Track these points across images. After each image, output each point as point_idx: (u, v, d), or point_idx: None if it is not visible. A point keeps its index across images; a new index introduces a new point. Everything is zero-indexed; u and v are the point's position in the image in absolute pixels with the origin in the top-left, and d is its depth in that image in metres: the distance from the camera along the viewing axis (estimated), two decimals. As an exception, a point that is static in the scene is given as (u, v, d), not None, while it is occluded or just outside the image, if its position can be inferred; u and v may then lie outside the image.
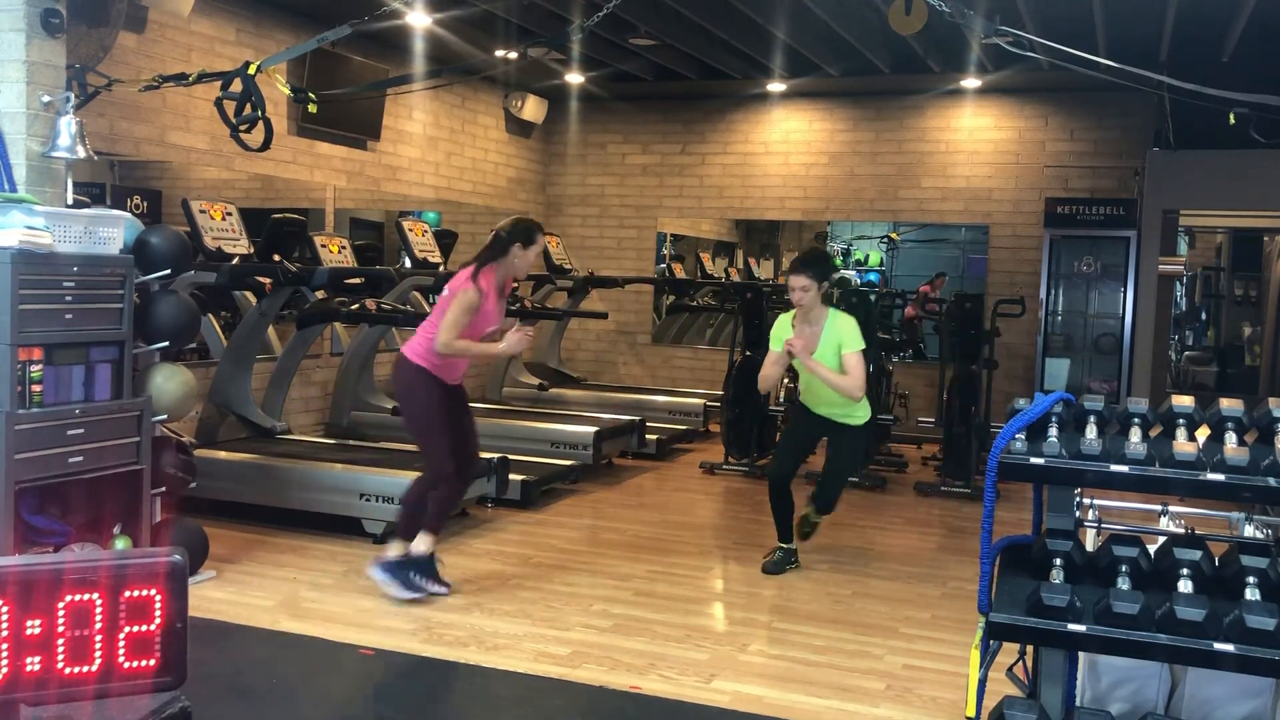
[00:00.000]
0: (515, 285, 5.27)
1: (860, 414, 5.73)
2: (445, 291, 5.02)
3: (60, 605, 2.29)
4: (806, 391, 5.82)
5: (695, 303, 11.87)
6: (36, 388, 4.28)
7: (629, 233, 11.51)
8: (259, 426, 7.01)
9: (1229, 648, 2.50)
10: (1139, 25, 7.84)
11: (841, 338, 5.54)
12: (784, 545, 5.82)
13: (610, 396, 9.65)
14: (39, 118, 4.82)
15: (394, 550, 5.04)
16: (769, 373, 5.76)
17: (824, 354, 5.55)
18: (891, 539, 6.59)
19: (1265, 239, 12.48)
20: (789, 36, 8.37)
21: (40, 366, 4.29)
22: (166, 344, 4.95)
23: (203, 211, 6.22)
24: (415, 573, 5.00)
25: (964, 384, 7.94)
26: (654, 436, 8.75)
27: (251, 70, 5.28)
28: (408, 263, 8.02)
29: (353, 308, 6.84)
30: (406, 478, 5.88)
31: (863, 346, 5.57)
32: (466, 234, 10.23)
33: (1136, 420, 2.79)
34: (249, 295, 7.07)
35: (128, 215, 4.83)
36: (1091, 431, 2.78)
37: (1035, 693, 2.84)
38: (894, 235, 11.61)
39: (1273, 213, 10.68)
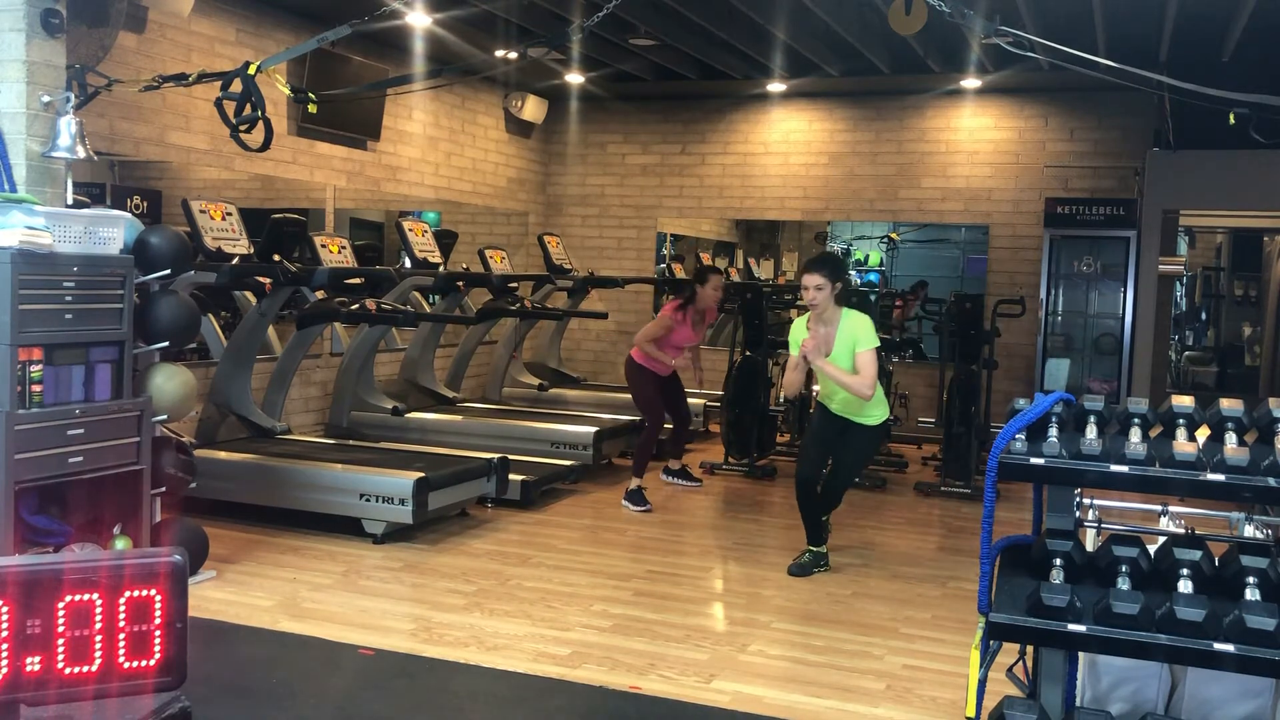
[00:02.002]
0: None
1: (874, 413, 5.70)
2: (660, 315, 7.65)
3: (60, 605, 2.29)
4: (824, 392, 5.82)
5: (695, 303, 11.84)
6: (36, 388, 4.28)
7: (629, 233, 11.51)
8: (259, 426, 7.01)
9: (1229, 648, 2.50)
10: (1139, 25, 7.84)
11: (856, 336, 5.50)
12: (813, 548, 5.80)
13: (610, 396, 9.63)
14: (39, 118, 4.82)
15: (633, 484, 7.23)
16: (789, 379, 5.74)
17: (840, 354, 5.52)
18: (891, 539, 6.59)
19: (1265, 239, 12.47)
20: (789, 36, 8.37)
21: (40, 366, 4.29)
22: (166, 344, 4.94)
23: (203, 211, 6.21)
24: (639, 494, 7.21)
25: (964, 384, 7.94)
26: (654, 436, 8.74)
27: (251, 70, 5.27)
28: (408, 263, 8.02)
29: (353, 308, 6.84)
30: (407, 478, 5.93)
31: (876, 344, 5.53)
32: (466, 234, 10.23)
33: (1136, 420, 2.79)
34: (249, 295, 7.07)
35: (128, 215, 4.82)
36: (1091, 431, 2.78)
37: (1035, 693, 2.84)
38: (894, 235, 11.60)
39: (1273, 213, 10.67)
